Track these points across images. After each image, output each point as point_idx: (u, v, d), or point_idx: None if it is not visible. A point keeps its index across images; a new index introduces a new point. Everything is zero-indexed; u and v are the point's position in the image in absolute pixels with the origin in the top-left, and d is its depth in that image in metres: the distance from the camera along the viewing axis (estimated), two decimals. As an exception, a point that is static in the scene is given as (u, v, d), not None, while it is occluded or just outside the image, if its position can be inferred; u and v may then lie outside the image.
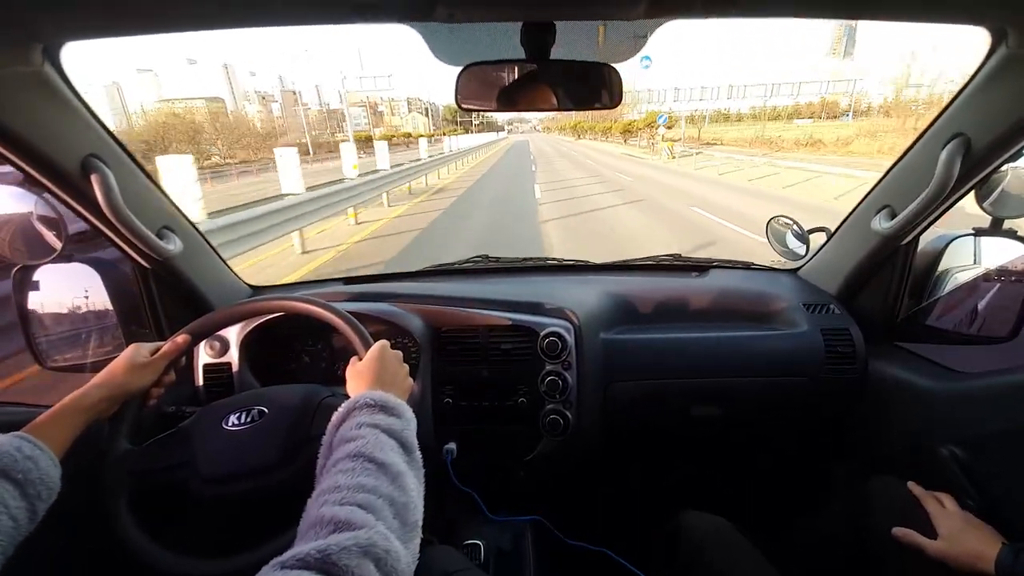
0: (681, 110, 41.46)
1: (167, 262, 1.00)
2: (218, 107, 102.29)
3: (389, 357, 0.71)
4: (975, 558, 0.73)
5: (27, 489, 0.53)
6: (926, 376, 1.02)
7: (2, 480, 0.51)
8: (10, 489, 0.51)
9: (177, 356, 0.79)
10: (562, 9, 0.63)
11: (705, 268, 1.43)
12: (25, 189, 0.84)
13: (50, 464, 0.56)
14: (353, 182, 8.36)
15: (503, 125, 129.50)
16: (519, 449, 1.15)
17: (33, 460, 0.54)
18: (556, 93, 0.75)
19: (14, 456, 0.53)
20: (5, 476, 0.52)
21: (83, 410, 0.66)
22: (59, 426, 0.62)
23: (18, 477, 0.52)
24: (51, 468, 0.56)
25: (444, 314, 1.15)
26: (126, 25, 0.62)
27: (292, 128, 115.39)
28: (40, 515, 0.54)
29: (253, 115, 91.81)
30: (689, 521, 0.98)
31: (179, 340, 0.79)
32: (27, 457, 0.54)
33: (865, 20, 0.67)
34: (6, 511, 0.50)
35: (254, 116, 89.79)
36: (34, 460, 0.55)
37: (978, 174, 0.86)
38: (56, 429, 0.62)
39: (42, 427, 0.60)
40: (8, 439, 0.55)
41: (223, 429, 0.72)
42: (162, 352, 0.77)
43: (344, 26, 0.67)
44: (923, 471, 0.92)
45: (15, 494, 0.52)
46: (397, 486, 0.50)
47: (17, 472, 0.52)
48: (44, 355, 0.98)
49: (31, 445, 0.56)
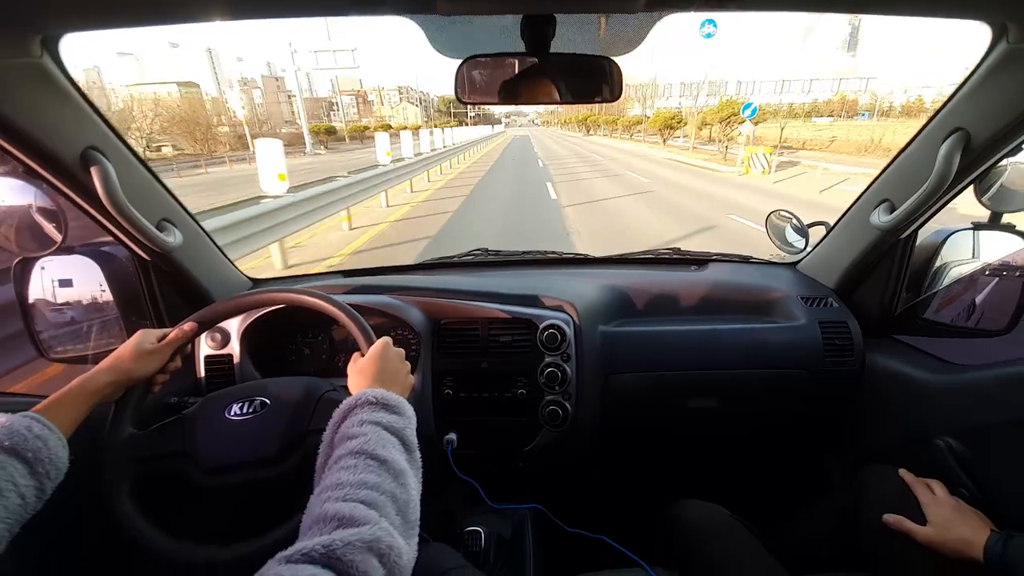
0: (686, 106, 38.35)
1: (167, 254, 1.00)
2: (191, 93, 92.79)
3: (391, 354, 0.72)
4: (964, 544, 0.74)
5: (36, 468, 0.54)
6: (923, 368, 1.02)
7: (13, 458, 0.52)
8: (19, 467, 0.52)
9: (184, 343, 0.79)
10: (563, 2, 0.63)
11: (704, 261, 1.44)
12: (25, 181, 0.84)
13: (59, 444, 0.57)
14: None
15: (500, 118, 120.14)
16: (519, 440, 1.16)
17: (43, 439, 0.56)
18: (556, 86, 0.75)
19: (24, 435, 0.54)
20: (15, 454, 0.53)
21: (90, 393, 0.66)
22: (67, 408, 0.63)
23: (28, 456, 0.53)
24: (59, 448, 0.57)
25: (444, 306, 1.16)
26: (124, 16, 0.62)
27: (273, 116, 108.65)
28: (48, 494, 0.56)
29: (234, 102, 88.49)
30: (687, 509, 0.99)
31: (186, 328, 0.79)
32: (37, 436, 0.55)
33: (865, 14, 0.67)
34: (15, 489, 0.51)
35: (233, 104, 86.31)
36: (43, 440, 0.56)
37: (977, 169, 0.87)
38: (64, 411, 0.63)
39: (50, 409, 0.61)
40: (19, 418, 0.56)
41: (225, 419, 0.73)
42: (169, 339, 0.77)
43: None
44: (919, 462, 0.93)
45: (24, 472, 0.53)
46: (399, 483, 0.51)
47: (27, 451, 0.54)
48: (46, 347, 0.99)
49: (40, 425, 0.57)
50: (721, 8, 0.61)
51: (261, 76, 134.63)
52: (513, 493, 1.11)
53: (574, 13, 0.72)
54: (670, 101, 44.77)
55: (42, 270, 0.95)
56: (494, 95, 0.74)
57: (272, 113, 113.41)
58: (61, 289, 1.00)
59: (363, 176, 7.92)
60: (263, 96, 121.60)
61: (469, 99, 0.75)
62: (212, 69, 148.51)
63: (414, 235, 7.03)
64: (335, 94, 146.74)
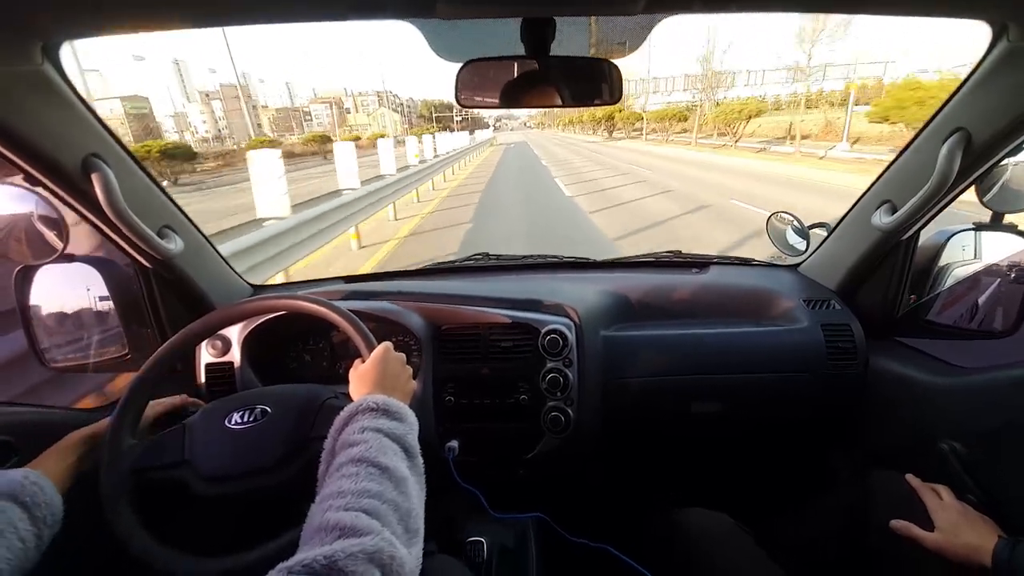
0: (686, 100, 33.89)
1: (168, 261, 1.00)
2: (138, 108, 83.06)
3: (392, 360, 0.71)
4: (972, 550, 0.73)
5: (34, 512, 0.55)
6: (926, 371, 1.02)
7: (11, 503, 0.54)
8: (18, 512, 0.54)
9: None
10: (562, 5, 0.63)
11: (705, 264, 1.43)
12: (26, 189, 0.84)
13: (53, 491, 0.59)
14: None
15: (488, 122, 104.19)
16: (521, 447, 1.15)
17: (39, 485, 0.57)
18: (556, 89, 0.75)
19: (21, 482, 0.56)
20: (13, 499, 0.54)
21: (75, 443, 0.70)
22: (54, 460, 0.66)
23: (26, 500, 0.55)
24: (54, 495, 0.59)
25: (445, 312, 1.15)
26: (125, 23, 0.62)
27: (238, 130, 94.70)
28: (46, 542, 0.57)
29: (195, 116, 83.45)
30: (690, 518, 0.98)
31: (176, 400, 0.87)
32: (33, 483, 0.57)
33: (863, 14, 0.67)
34: (15, 532, 0.52)
35: (194, 119, 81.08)
36: (39, 486, 0.58)
37: (978, 169, 0.86)
38: (51, 464, 0.65)
39: (39, 464, 0.64)
40: (12, 471, 0.58)
41: (226, 427, 0.72)
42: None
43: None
44: (924, 466, 0.92)
45: (23, 516, 0.54)
46: (401, 491, 0.50)
47: (25, 495, 0.55)
48: (46, 355, 0.98)
49: (35, 474, 0.59)
50: (721, 10, 0.61)
51: (220, 85, 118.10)
52: (515, 500, 1.10)
53: (573, 16, 0.72)
54: (656, 96, 39.97)
55: (43, 278, 0.95)
56: (494, 98, 0.74)
57: (236, 127, 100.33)
58: (62, 297, 1.00)
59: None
60: (223, 108, 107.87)
61: (469, 103, 0.75)
62: (180, 81, 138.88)
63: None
64: (299, 104, 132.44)
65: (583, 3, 0.62)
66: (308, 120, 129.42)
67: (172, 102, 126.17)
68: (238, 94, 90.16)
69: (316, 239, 4.75)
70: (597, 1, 0.60)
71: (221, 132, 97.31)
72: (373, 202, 6.87)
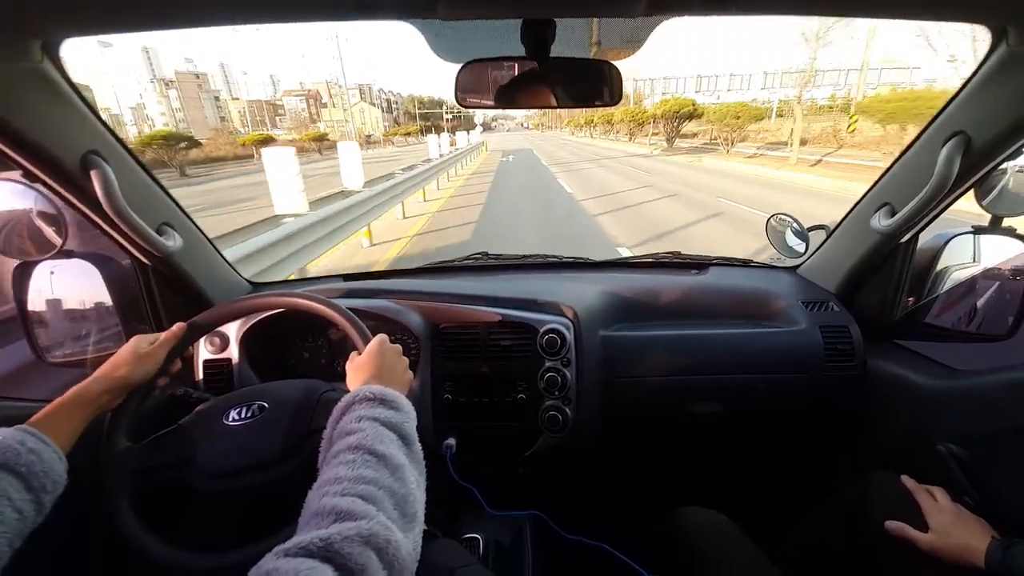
0: (705, 102, 27.50)
1: (167, 258, 1.00)
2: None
3: (388, 351, 0.71)
4: (965, 551, 0.74)
5: (32, 482, 0.53)
6: (924, 374, 1.02)
7: (6, 473, 0.52)
8: (13, 482, 0.52)
9: (180, 344, 0.79)
10: (563, 7, 0.63)
11: (704, 266, 1.43)
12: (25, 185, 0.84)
13: (54, 457, 0.57)
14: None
15: (476, 120, 73.42)
16: (518, 445, 1.15)
17: (36, 453, 0.55)
18: (555, 90, 0.75)
19: (17, 450, 0.54)
20: (8, 470, 0.52)
21: (85, 404, 0.66)
22: (62, 419, 0.62)
23: (21, 470, 0.53)
24: (55, 461, 0.57)
25: (443, 311, 1.16)
26: (124, 22, 0.62)
27: (195, 123, 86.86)
28: (47, 507, 0.55)
29: (152, 108, 77.53)
30: (688, 517, 0.98)
31: (175, 330, 0.78)
32: (31, 451, 0.55)
33: (864, 17, 0.67)
34: (10, 504, 0.50)
35: (152, 109, 75.32)
36: (37, 453, 0.55)
37: (978, 172, 0.86)
38: (60, 422, 0.62)
39: (46, 421, 0.61)
40: (11, 432, 0.56)
41: (224, 424, 0.72)
42: (162, 340, 0.76)
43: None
44: (921, 468, 0.92)
45: (19, 487, 0.52)
46: (397, 478, 0.51)
47: (20, 465, 0.53)
48: (44, 351, 0.98)
49: (34, 439, 0.56)
50: (722, 12, 0.61)
51: (176, 72, 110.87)
52: (513, 498, 1.10)
53: (574, 17, 0.72)
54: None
55: (41, 274, 0.95)
56: (493, 98, 0.74)
57: (195, 119, 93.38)
58: (60, 293, 1.00)
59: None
60: (180, 98, 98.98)
61: (469, 103, 0.75)
62: (150, 70, 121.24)
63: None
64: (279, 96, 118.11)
65: (583, 5, 0.62)
66: (282, 115, 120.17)
67: (140, 94, 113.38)
68: (197, 83, 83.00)
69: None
70: (597, 3, 0.60)
71: (178, 126, 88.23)
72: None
